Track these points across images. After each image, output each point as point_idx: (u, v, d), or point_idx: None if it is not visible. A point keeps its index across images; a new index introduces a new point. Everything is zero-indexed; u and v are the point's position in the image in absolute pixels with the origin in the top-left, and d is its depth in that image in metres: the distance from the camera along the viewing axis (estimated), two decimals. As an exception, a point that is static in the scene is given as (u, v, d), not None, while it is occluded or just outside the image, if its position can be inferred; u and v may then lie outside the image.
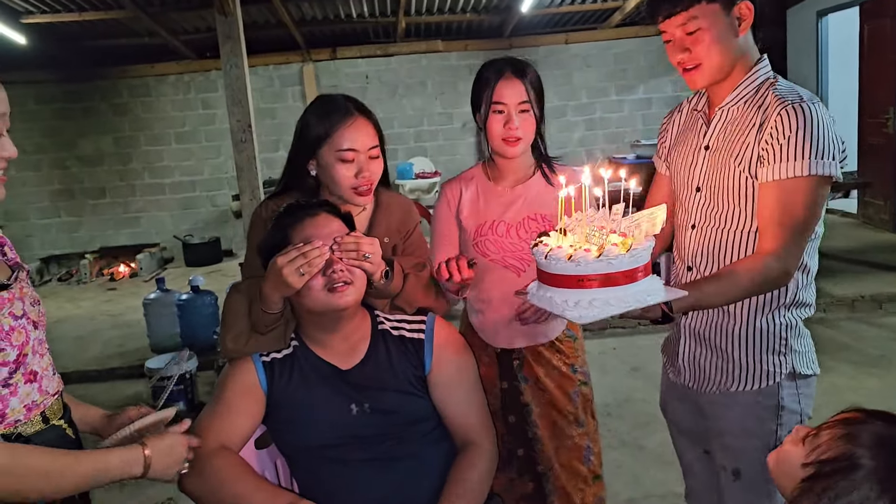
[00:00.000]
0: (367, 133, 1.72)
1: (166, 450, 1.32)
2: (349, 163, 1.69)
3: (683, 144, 1.70)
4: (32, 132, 8.25)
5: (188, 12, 6.87)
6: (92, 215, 8.57)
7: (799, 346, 1.61)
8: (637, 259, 1.31)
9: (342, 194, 1.73)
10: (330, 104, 1.74)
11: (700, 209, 1.63)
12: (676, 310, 1.44)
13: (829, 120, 1.45)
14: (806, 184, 1.44)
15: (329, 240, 1.52)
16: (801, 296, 1.59)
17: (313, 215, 1.58)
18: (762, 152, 1.48)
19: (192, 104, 8.43)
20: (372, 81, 8.54)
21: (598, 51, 8.59)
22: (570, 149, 8.75)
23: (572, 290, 1.32)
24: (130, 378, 4.64)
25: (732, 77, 1.56)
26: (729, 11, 1.49)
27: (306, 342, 1.64)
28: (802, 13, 7.86)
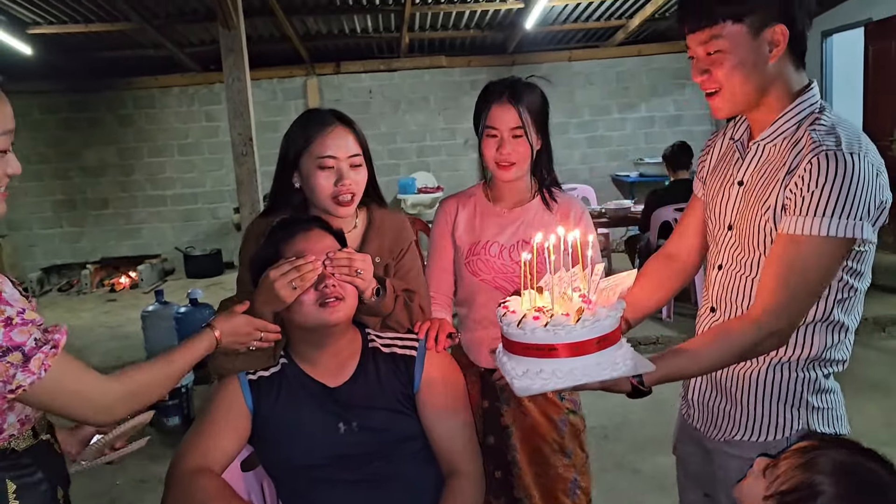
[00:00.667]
0: (347, 141, 1.71)
1: (231, 330, 1.47)
2: (328, 170, 1.68)
3: (719, 175, 1.56)
4: (37, 142, 8.27)
5: (193, 25, 6.90)
6: (94, 226, 8.58)
7: (819, 403, 1.45)
8: (593, 329, 1.20)
9: (323, 204, 1.71)
10: (310, 115, 1.76)
11: (728, 249, 1.50)
12: (649, 382, 1.33)
13: (870, 172, 1.28)
14: (822, 245, 1.29)
15: (321, 255, 1.51)
16: (831, 354, 1.44)
17: (306, 230, 1.57)
18: (786, 200, 1.34)
19: (195, 116, 8.45)
20: (375, 96, 8.56)
21: (600, 69, 8.61)
22: (572, 166, 8.74)
23: (521, 358, 1.25)
24: (126, 391, 4.60)
25: (770, 107, 1.40)
26: (757, 35, 1.33)
27: (295, 359, 1.62)
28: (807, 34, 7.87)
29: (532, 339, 1.22)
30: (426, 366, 1.64)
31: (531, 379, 1.23)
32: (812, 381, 1.44)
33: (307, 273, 1.47)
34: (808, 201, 1.29)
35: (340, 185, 1.68)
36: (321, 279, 1.50)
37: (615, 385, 1.30)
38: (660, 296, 1.70)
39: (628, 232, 6.92)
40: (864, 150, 1.30)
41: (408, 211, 8.00)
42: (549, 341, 1.21)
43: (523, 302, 1.30)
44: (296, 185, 1.75)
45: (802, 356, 1.42)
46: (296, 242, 1.54)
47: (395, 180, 8.45)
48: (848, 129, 1.34)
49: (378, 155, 8.61)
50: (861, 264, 1.38)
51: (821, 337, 1.41)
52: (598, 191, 7.60)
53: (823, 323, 1.40)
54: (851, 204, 1.26)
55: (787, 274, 1.32)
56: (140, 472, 3.62)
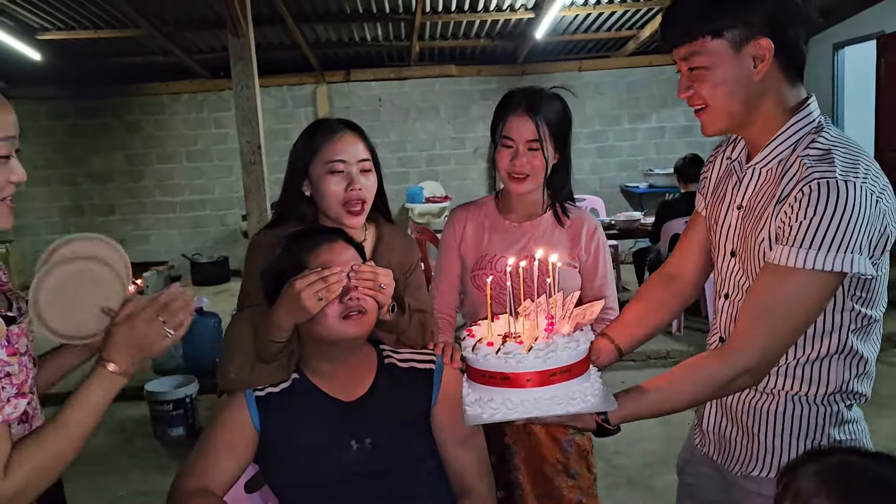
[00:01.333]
0: (357, 146, 1.71)
1: (129, 342, 1.21)
2: (339, 174, 1.67)
3: (719, 196, 1.47)
4: (44, 147, 8.27)
5: (203, 32, 6.89)
6: (101, 232, 8.31)
7: (842, 435, 1.36)
8: (548, 360, 1.14)
9: (334, 212, 1.69)
10: (319, 124, 1.77)
11: (733, 278, 1.40)
12: (616, 420, 1.26)
13: (866, 200, 1.18)
14: (808, 278, 1.20)
15: (346, 267, 1.48)
16: (852, 386, 1.34)
17: (331, 242, 1.53)
18: (778, 230, 1.25)
19: (204, 123, 8.45)
20: (385, 104, 8.54)
21: (611, 79, 8.57)
22: (582, 176, 8.68)
23: (476, 385, 1.20)
24: (132, 399, 4.56)
25: (763, 126, 1.31)
26: (739, 50, 1.24)
27: (308, 374, 1.58)
28: (818, 46, 7.82)
29: (485, 366, 1.17)
30: (444, 381, 1.61)
31: (482, 407, 1.18)
32: (834, 413, 1.34)
33: (333, 285, 1.43)
34: (795, 231, 1.20)
35: (351, 191, 1.67)
36: (345, 292, 1.46)
37: (577, 421, 1.24)
38: (659, 318, 1.59)
39: (637, 244, 6.87)
40: (861, 176, 1.19)
41: (416, 220, 7.96)
42: (500, 369, 1.15)
43: (493, 327, 1.25)
44: (306, 192, 1.74)
45: (820, 392, 1.33)
46: (321, 253, 1.50)
47: (404, 189, 8.42)
48: (846, 151, 1.24)
49: (387, 163, 8.55)
50: (871, 292, 1.29)
51: (839, 371, 1.32)
52: (607, 202, 7.55)
53: (840, 356, 1.31)
54: (843, 235, 1.16)
55: (765, 307, 1.24)
56: (143, 484, 3.57)
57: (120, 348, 1.21)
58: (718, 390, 1.29)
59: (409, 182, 8.54)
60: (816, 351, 1.31)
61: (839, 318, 1.29)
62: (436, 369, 1.62)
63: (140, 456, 3.90)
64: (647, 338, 1.58)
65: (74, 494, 3.43)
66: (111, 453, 3.94)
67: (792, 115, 1.30)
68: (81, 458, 1.35)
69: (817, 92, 7.75)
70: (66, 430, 1.16)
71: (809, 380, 1.32)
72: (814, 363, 1.32)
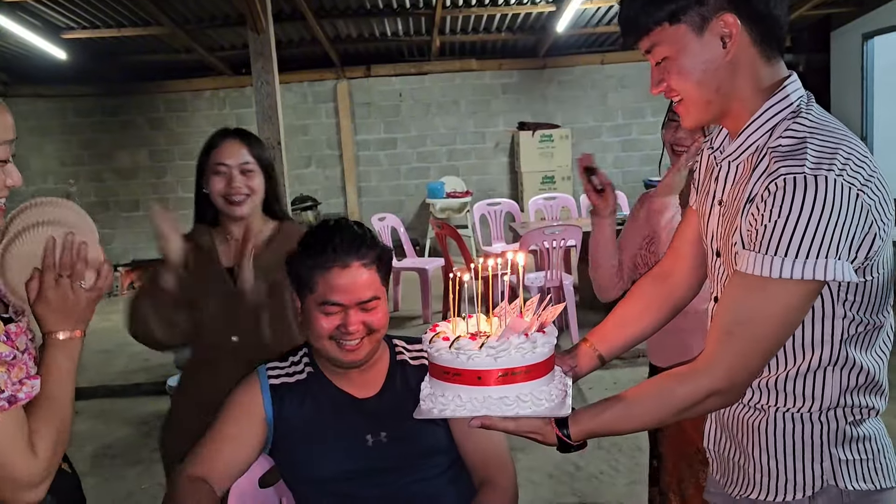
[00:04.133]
0: (239, 151, 1.92)
1: (50, 309, 1.20)
2: (221, 175, 1.90)
3: (704, 190, 1.33)
4: (70, 145, 8.39)
5: (224, 29, 6.93)
6: (125, 228, 8.67)
7: (847, 455, 1.19)
8: (500, 359, 1.10)
9: (219, 204, 1.93)
10: (214, 134, 1.99)
11: (720, 280, 1.27)
12: (577, 436, 1.17)
13: (844, 195, 1.02)
14: (777, 289, 1.05)
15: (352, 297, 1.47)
16: (851, 400, 1.18)
17: (343, 266, 1.47)
18: (747, 233, 1.11)
19: (226, 120, 8.50)
20: (405, 99, 8.53)
21: (634, 71, 8.47)
22: (605, 170, 8.57)
23: (433, 379, 1.19)
24: (154, 394, 4.61)
25: (739, 112, 1.17)
26: (702, 31, 1.12)
27: (322, 370, 1.58)
28: (847, 36, 7.66)
29: (439, 361, 1.15)
30: None
31: (433, 402, 1.16)
32: (834, 430, 1.18)
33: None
34: (761, 235, 1.06)
35: (231, 188, 1.89)
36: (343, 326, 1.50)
37: (534, 432, 1.17)
38: (643, 323, 1.43)
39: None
40: (836, 168, 1.03)
41: (437, 216, 7.95)
42: (452, 365, 1.13)
43: (460, 324, 1.22)
44: (204, 189, 1.96)
45: (815, 408, 1.18)
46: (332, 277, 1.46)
47: (425, 184, 8.41)
48: (824, 139, 1.08)
49: (407, 158, 8.58)
50: (869, 296, 1.13)
51: (833, 384, 1.17)
52: (630, 196, 7.47)
53: (835, 367, 1.16)
54: (813, 239, 1.01)
55: (731, 322, 1.11)
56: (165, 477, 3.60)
57: (52, 318, 1.21)
58: (683, 412, 1.17)
59: (429, 177, 8.52)
60: (807, 362, 1.17)
61: (830, 327, 1.14)
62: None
63: (162, 450, 3.94)
64: (633, 342, 1.44)
65: (99, 486, 3.49)
66: (134, 447, 3.98)
67: (768, 97, 1.15)
68: (105, 450, 1.35)
69: (846, 83, 7.63)
70: (57, 400, 1.18)
71: (802, 395, 1.18)
72: (805, 376, 1.18)
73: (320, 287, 1.46)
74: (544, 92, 8.59)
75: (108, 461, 3.82)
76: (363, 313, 1.47)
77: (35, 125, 8.28)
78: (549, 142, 8.18)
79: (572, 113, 8.60)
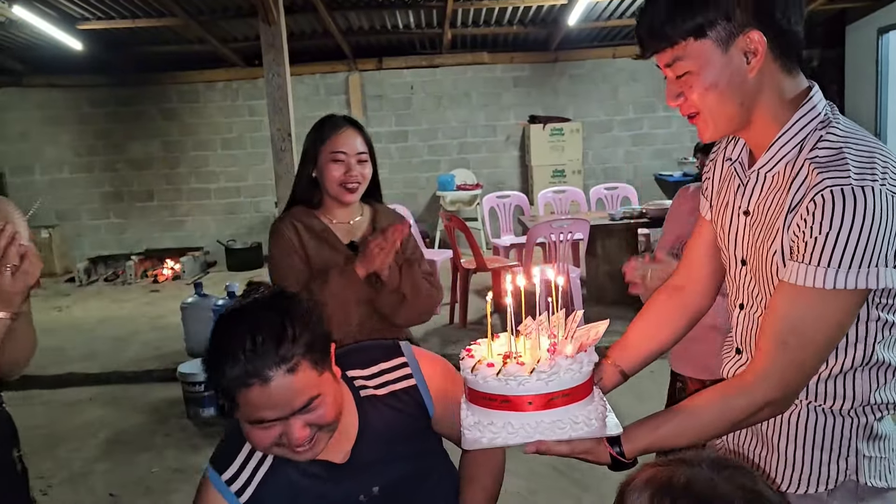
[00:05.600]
0: (356, 140, 2.04)
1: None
2: (339, 163, 2.01)
3: (723, 200, 1.34)
4: (86, 135, 8.48)
5: (236, 20, 6.97)
6: (139, 218, 8.75)
7: (871, 451, 1.23)
8: (551, 383, 1.08)
9: (333, 191, 2.03)
10: (326, 120, 2.09)
11: (746, 287, 1.29)
12: (631, 453, 1.16)
13: (889, 204, 1.05)
14: (828, 299, 1.09)
15: (285, 409, 1.18)
16: (879, 397, 1.22)
17: (265, 381, 1.15)
18: (791, 243, 1.14)
19: (238, 111, 8.56)
20: (417, 92, 8.55)
21: (645, 65, 8.43)
22: (616, 164, 8.61)
23: (476, 407, 1.14)
24: (165, 381, 4.68)
25: (763, 125, 1.19)
26: (727, 47, 1.12)
27: None
28: (862, 31, 7.60)
29: (485, 389, 1.11)
30: (428, 381, 1.43)
31: (481, 431, 1.12)
32: (863, 425, 1.22)
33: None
34: (811, 248, 1.08)
35: (348, 176, 2.01)
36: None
37: (588, 452, 1.16)
38: (663, 336, 1.45)
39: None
40: (879, 178, 1.07)
41: (446, 208, 7.98)
42: (500, 392, 1.09)
43: (493, 346, 1.19)
44: (313, 174, 2.06)
45: (846, 406, 1.22)
46: (254, 396, 1.17)
47: (435, 177, 8.43)
48: (859, 149, 1.11)
49: (418, 151, 8.61)
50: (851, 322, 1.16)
51: (863, 382, 1.21)
52: (640, 191, 7.46)
53: (866, 367, 1.21)
54: (864, 250, 1.05)
55: (784, 333, 1.13)
56: (176, 461, 3.67)
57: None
58: (739, 424, 1.20)
59: (440, 170, 8.55)
60: (840, 365, 1.20)
61: (864, 330, 1.18)
62: (416, 379, 1.43)
63: (173, 435, 4.00)
64: (653, 356, 1.45)
65: (110, 472, 3.56)
66: (145, 432, 4.05)
67: (794, 109, 1.17)
68: (117, 436, 1.39)
69: (860, 79, 7.58)
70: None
71: (833, 395, 1.22)
72: (836, 378, 1.21)
73: (244, 407, 1.17)
74: (555, 85, 8.58)
75: (121, 447, 3.89)
76: (306, 414, 1.19)
77: (49, 115, 8.37)
78: (559, 135, 8.17)
79: (583, 107, 8.59)
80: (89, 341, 5.72)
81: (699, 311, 1.46)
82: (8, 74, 8.16)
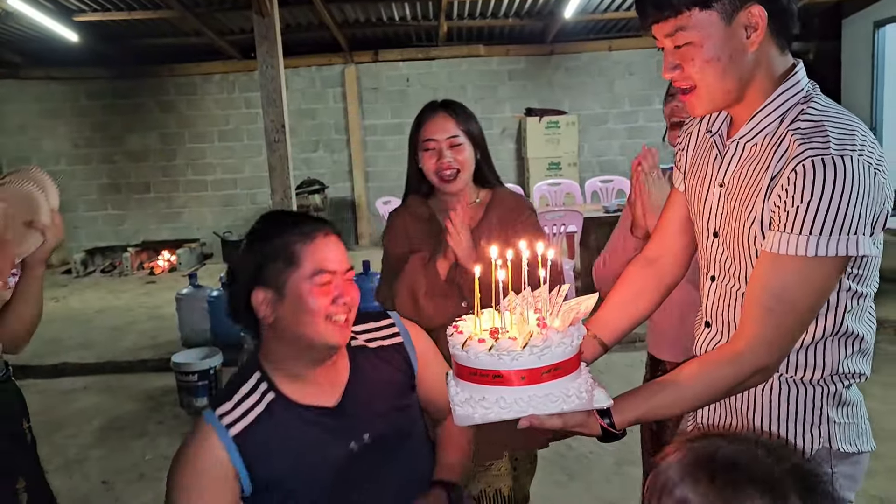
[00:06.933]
0: (447, 125, 1.93)
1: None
2: (431, 151, 1.92)
3: (698, 173, 1.36)
4: (83, 127, 8.50)
5: (232, 13, 6.99)
6: (136, 209, 8.78)
7: (841, 417, 1.27)
8: (543, 357, 1.09)
9: (433, 181, 1.96)
10: (425, 108, 2.00)
11: (718, 259, 1.31)
12: (621, 424, 1.18)
13: (866, 174, 1.08)
14: (811, 266, 1.12)
15: (340, 264, 1.37)
16: (847, 366, 1.25)
17: (326, 234, 1.38)
18: (771, 213, 1.16)
19: (235, 103, 8.58)
20: (413, 84, 8.57)
21: (641, 58, 8.46)
22: (611, 157, 8.62)
23: (466, 384, 1.14)
24: (160, 370, 4.72)
25: (752, 99, 1.21)
26: (731, 20, 1.13)
27: (282, 390, 1.40)
28: (858, 24, 7.61)
29: (476, 364, 1.11)
30: (414, 341, 1.55)
31: (472, 407, 1.12)
32: (832, 393, 1.26)
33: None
34: (793, 217, 1.11)
35: (441, 163, 1.91)
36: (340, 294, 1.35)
37: (579, 425, 1.18)
38: (639, 307, 1.47)
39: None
40: (857, 149, 1.10)
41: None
42: (493, 367, 1.09)
43: (477, 322, 1.19)
44: (418, 165, 1.98)
45: (816, 375, 1.25)
46: (317, 249, 1.36)
47: (431, 169, 8.46)
48: (839, 122, 1.14)
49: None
50: (868, 269, 1.21)
51: (833, 352, 1.24)
52: (635, 183, 7.48)
53: (836, 337, 1.24)
54: (844, 217, 1.08)
55: (771, 300, 1.16)
56: (169, 448, 3.70)
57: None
58: (728, 391, 1.22)
59: (436, 162, 8.57)
60: (812, 335, 1.23)
61: (835, 299, 1.21)
62: (403, 338, 1.55)
63: (166, 423, 4.04)
64: (630, 327, 1.48)
65: (105, 458, 3.60)
66: (140, 420, 4.09)
67: (779, 84, 1.19)
68: (112, 423, 1.45)
69: (857, 71, 7.59)
70: None
71: (805, 365, 1.25)
72: (808, 348, 1.24)
73: (307, 259, 1.33)
74: (551, 78, 8.59)
75: (115, 433, 3.93)
76: (349, 285, 1.38)
77: (47, 107, 8.40)
78: (555, 128, 8.20)
79: (579, 99, 8.61)
80: (86, 331, 5.77)
81: (673, 281, 1.49)
82: (6, 67, 8.18)
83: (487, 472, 1.96)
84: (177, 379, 4.18)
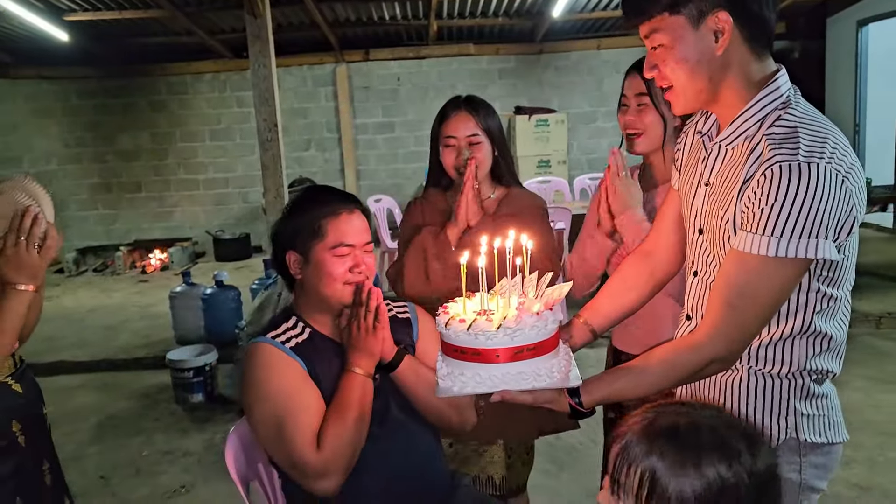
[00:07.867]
0: (467, 123, 2.00)
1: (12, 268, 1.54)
2: (451, 147, 2.01)
3: (689, 172, 1.43)
4: (75, 126, 8.50)
5: (223, 12, 7.01)
6: (128, 209, 8.80)
7: (809, 409, 1.33)
8: (516, 338, 1.19)
9: (452, 176, 2.04)
10: (447, 104, 2.08)
11: (701, 255, 1.38)
12: (589, 403, 1.28)
13: (832, 181, 1.13)
14: (773, 266, 1.17)
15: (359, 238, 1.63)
16: (815, 364, 1.31)
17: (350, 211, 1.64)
18: (742, 214, 1.22)
19: (227, 102, 8.60)
20: (403, 83, 8.62)
21: (630, 57, 8.39)
22: (600, 155, 8.70)
23: (449, 359, 1.25)
24: (154, 368, 4.76)
25: (728, 102, 1.28)
26: (698, 25, 1.20)
27: (319, 329, 1.66)
28: (842, 23, 7.72)
29: (456, 342, 1.22)
30: (419, 320, 1.79)
31: (452, 381, 1.23)
32: (800, 386, 1.32)
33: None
34: (759, 218, 1.17)
35: (459, 159, 2.00)
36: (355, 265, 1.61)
37: (549, 402, 1.26)
38: (632, 297, 1.55)
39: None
40: (826, 156, 1.15)
41: (433, 198, 8.04)
42: (469, 345, 1.20)
43: (468, 304, 1.29)
44: (440, 159, 2.07)
45: (783, 369, 1.32)
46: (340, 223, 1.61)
47: (422, 167, 8.50)
48: (813, 129, 1.19)
49: (405, 142, 8.68)
50: (838, 272, 1.26)
51: (801, 350, 1.30)
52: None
53: (804, 336, 1.30)
54: (806, 221, 1.13)
55: (732, 296, 1.23)
56: (164, 444, 3.75)
57: (13, 274, 1.55)
58: (688, 378, 1.30)
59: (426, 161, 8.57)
60: (780, 332, 1.29)
61: (804, 300, 1.27)
62: (411, 315, 1.80)
63: (162, 420, 4.09)
64: (621, 317, 1.57)
65: (101, 454, 3.64)
66: (136, 417, 4.13)
67: (759, 89, 1.25)
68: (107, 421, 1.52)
69: (841, 70, 7.69)
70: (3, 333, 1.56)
71: (773, 360, 1.32)
72: (776, 344, 1.31)
73: (331, 232, 1.60)
74: (541, 77, 8.67)
75: (111, 430, 3.97)
76: (366, 256, 1.64)
77: (38, 107, 8.39)
78: (544, 126, 8.26)
79: (568, 98, 8.69)
80: (80, 330, 5.79)
81: (666, 276, 1.56)
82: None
83: (481, 457, 2.03)
84: (172, 376, 4.22)
